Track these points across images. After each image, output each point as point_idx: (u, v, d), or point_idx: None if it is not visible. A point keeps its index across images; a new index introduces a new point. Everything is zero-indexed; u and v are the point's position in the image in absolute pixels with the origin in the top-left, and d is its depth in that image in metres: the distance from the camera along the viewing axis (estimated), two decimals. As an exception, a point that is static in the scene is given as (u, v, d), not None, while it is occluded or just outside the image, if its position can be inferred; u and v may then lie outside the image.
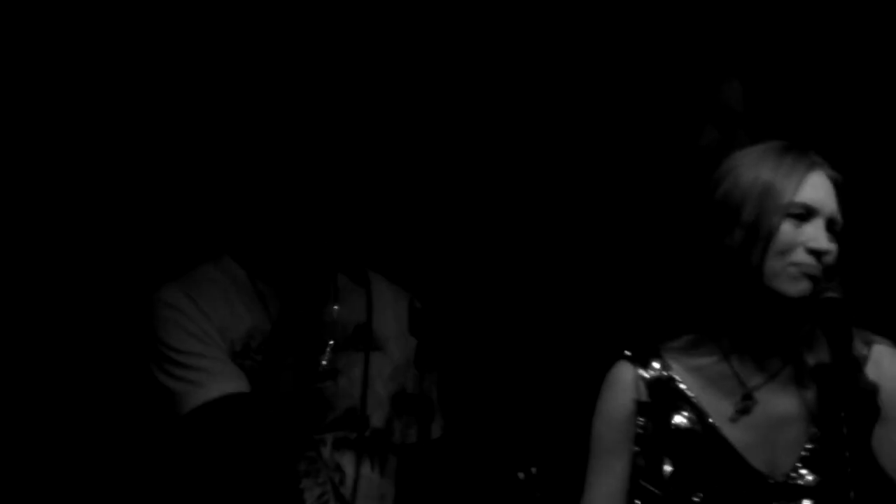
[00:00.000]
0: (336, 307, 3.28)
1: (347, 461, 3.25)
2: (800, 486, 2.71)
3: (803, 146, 2.81)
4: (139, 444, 3.74)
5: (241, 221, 3.26)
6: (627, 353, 2.85)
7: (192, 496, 3.21)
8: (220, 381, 3.13)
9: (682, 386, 2.79)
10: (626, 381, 2.81)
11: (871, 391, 2.71)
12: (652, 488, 2.75)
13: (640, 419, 2.78)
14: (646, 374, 2.80)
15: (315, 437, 3.24)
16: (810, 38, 4.00)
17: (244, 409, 3.11)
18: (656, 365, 2.80)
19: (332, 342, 3.24)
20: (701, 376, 2.79)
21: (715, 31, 3.95)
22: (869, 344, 2.80)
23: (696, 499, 2.72)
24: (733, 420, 2.76)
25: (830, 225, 2.75)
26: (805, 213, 2.73)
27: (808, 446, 2.73)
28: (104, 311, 3.84)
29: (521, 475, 3.47)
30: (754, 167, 2.75)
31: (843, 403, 2.61)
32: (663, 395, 2.78)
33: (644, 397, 2.78)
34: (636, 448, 2.77)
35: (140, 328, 3.23)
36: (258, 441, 3.11)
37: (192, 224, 3.79)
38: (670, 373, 2.79)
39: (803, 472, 2.72)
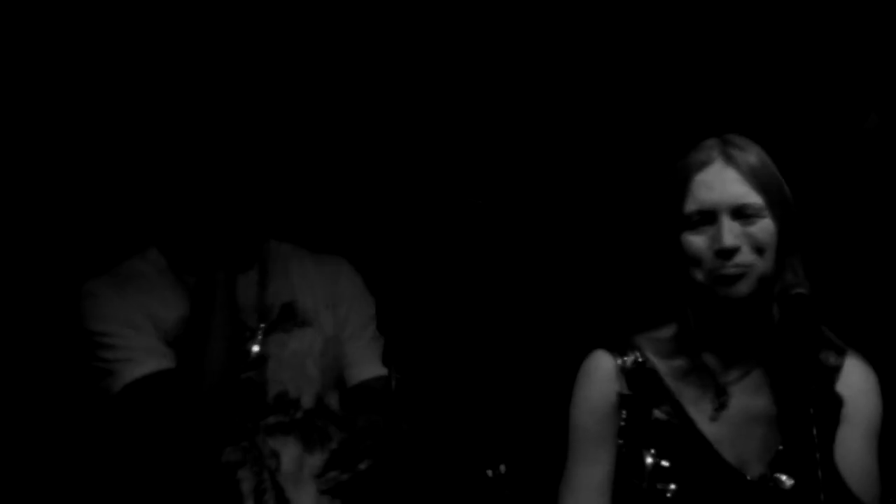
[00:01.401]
0: (267, 290, 3.26)
1: (283, 446, 3.21)
2: (777, 488, 2.70)
3: (717, 140, 2.74)
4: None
5: (163, 211, 3.26)
6: (605, 342, 2.82)
7: (125, 480, 3.22)
8: (151, 357, 3.13)
9: (662, 378, 2.77)
10: (607, 370, 2.78)
11: (836, 397, 2.73)
12: (636, 480, 2.72)
13: (623, 411, 2.75)
14: (625, 364, 2.77)
15: (248, 425, 3.20)
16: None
17: (176, 384, 3.10)
18: (634, 356, 2.78)
19: (262, 325, 3.23)
20: (677, 370, 2.77)
21: (884, 18, 3.91)
22: (842, 354, 2.78)
23: (669, 491, 2.69)
24: (711, 416, 2.74)
25: (738, 212, 2.68)
26: (700, 219, 2.69)
27: (780, 447, 2.71)
28: (32, 310, 3.79)
29: (489, 473, 3.45)
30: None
31: (810, 405, 2.56)
32: (644, 387, 2.76)
33: (624, 388, 2.76)
34: (620, 440, 2.74)
35: (69, 322, 3.23)
36: (190, 418, 3.09)
37: (118, 218, 3.77)
38: (649, 364, 2.77)
39: (781, 475, 2.70)
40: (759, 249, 2.67)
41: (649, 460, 2.71)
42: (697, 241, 2.68)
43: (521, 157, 4.06)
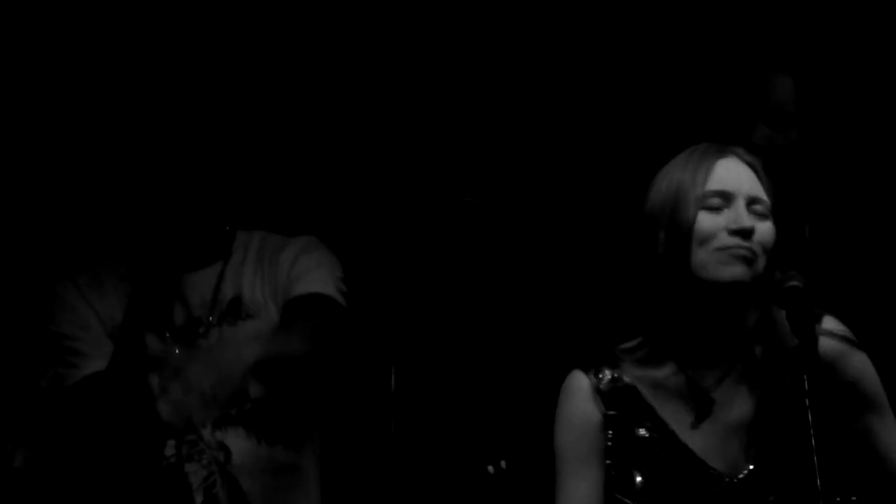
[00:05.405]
0: (223, 283, 3.25)
1: (232, 438, 3.14)
2: (762, 482, 2.67)
3: (720, 141, 2.78)
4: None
5: (131, 213, 3.26)
6: (581, 362, 2.80)
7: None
8: (90, 362, 3.14)
9: (641, 395, 2.75)
10: (586, 390, 2.76)
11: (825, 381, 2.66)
12: (627, 500, 2.69)
13: (609, 431, 2.73)
14: (600, 384, 2.76)
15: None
16: (861, 35, 3.94)
17: (102, 385, 3.10)
18: (610, 373, 2.77)
19: (211, 319, 3.21)
20: (655, 383, 2.76)
21: (767, 27, 3.93)
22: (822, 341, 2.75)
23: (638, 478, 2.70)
24: (692, 426, 2.72)
25: (752, 204, 2.71)
26: (721, 201, 2.70)
27: (765, 442, 2.70)
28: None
29: (490, 469, 3.47)
30: (669, 171, 2.76)
31: (804, 396, 2.54)
32: (625, 405, 2.75)
33: (604, 408, 2.74)
34: (608, 461, 2.72)
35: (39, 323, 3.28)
36: (119, 416, 3.07)
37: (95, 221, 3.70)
38: (627, 382, 2.75)
39: (764, 468, 2.68)
40: (762, 246, 2.69)
41: (639, 478, 2.70)
42: (714, 220, 2.68)
43: (510, 154, 4.04)
